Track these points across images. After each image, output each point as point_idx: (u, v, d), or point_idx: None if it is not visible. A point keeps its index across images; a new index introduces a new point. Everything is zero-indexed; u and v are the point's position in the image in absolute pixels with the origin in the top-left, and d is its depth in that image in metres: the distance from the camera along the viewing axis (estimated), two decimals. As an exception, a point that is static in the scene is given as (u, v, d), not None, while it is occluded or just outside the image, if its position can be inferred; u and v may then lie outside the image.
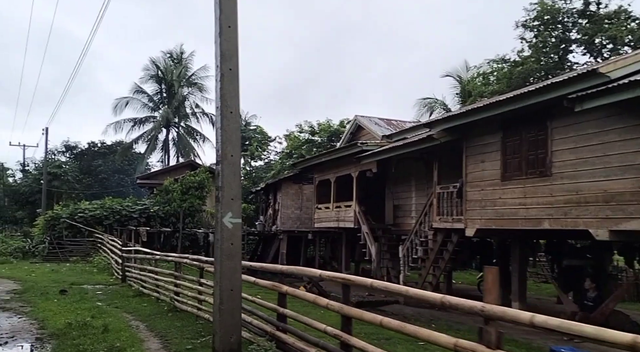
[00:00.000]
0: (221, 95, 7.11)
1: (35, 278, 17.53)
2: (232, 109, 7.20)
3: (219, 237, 7.06)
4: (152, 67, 46.36)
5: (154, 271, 13.01)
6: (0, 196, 52.88)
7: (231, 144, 7.21)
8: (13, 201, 46.87)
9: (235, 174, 7.30)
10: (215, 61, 7.11)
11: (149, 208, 27.72)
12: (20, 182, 49.58)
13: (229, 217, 7.04)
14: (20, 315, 10.30)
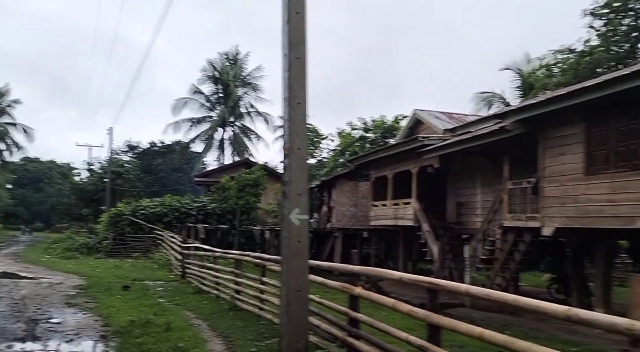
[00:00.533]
0: (289, 85, 6.63)
1: (99, 274, 17.85)
2: (300, 100, 6.70)
3: (286, 234, 6.58)
4: (209, 68, 47.21)
5: (214, 268, 12.77)
6: (68, 194, 55.47)
7: (298, 136, 6.72)
8: (79, 199, 48.91)
9: (303, 168, 6.80)
10: (283, 50, 6.64)
11: (207, 205, 27.94)
12: (86, 180, 51.73)
13: (296, 214, 6.54)
14: (85, 311, 10.26)
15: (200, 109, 47.66)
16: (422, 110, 19.99)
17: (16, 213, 79.28)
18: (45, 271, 18.66)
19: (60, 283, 14.87)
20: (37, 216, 79.85)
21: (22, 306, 10.52)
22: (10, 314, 9.51)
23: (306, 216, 6.70)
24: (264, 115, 48.92)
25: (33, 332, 8.06)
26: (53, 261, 23.20)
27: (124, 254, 24.65)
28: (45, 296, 12.04)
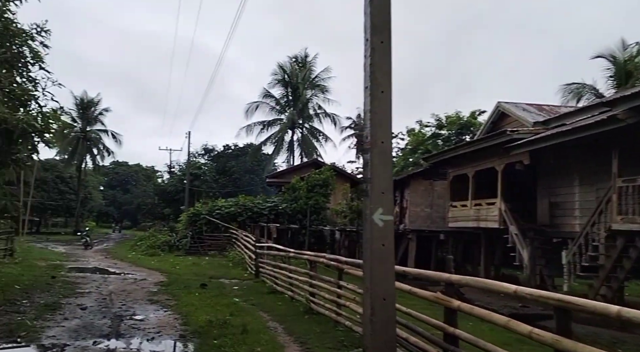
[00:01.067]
0: (371, 72, 6.01)
1: (179, 271, 18.23)
2: (384, 88, 6.07)
3: (369, 236, 5.97)
4: (279, 71, 47.78)
5: (288, 269, 12.43)
6: (151, 195, 58.50)
7: (382, 128, 6.08)
8: (161, 199, 51.35)
9: (386, 164, 6.15)
10: (365, 34, 6.04)
11: (278, 205, 28.01)
12: (167, 182, 54.25)
13: (380, 214, 5.91)
14: (165, 308, 10.27)
15: (270, 112, 48.37)
16: (508, 102, 18.48)
17: (108, 212, 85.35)
18: (130, 267, 19.41)
19: (144, 279, 15.27)
20: (125, 215, 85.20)
21: (109, 302, 10.74)
22: (98, 310, 9.68)
23: (391, 216, 6.07)
24: (332, 116, 48.81)
25: (117, 329, 8.07)
26: (138, 257, 24.22)
27: (202, 252, 25.27)
28: (130, 292, 12.30)
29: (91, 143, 54.00)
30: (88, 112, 53.61)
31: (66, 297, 10.80)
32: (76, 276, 15.04)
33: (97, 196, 75.29)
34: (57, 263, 18.84)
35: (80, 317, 8.78)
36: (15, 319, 8.02)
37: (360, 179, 35.62)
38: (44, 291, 11.38)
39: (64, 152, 52.68)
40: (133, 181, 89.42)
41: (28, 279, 13.09)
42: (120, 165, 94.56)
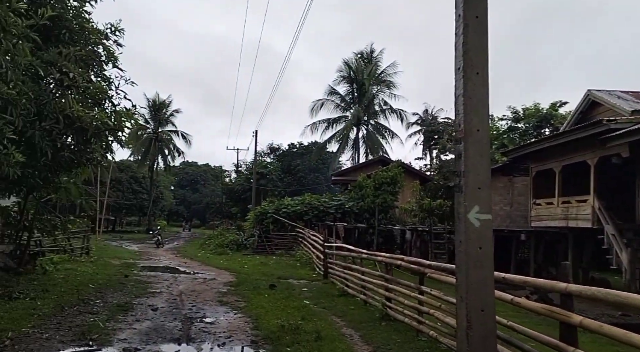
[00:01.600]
0: (464, 51, 5.24)
1: (247, 270, 18.14)
2: (479, 69, 5.28)
3: (463, 238, 5.20)
4: (344, 68, 47.37)
5: (360, 271, 11.79)
6: (220, 194, 60.11)
7: (477, 115, 5.30)
8: (229, 198, 52.60)
9: (483, 155, 5.35)
10: (456, 10, 5.30)
11: (344, 204, 27.47)
12: (234, 181, 55.45)
13: (476, 213, 5.14)
14: (235, 310, 9.98)
15: (335, 110, 48.04)
16: (600, 90, 16.71)
17: (178, 211, 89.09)
18: (200, 266, 19.61)
19: (213, 279, 15.24)
20: (195, 214, 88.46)
21: (179, 303, 10.63)
22: (169, 311, 9.56)
23: (488, 215, 5.28)
24: (398, 112, 47.66)
25: (188, 333, 7.82)
26: (207, 256, 24.57)
27: (269, 251, 25.23)
28: (200, 293, 12.20)
29: (162, 144, 56.21)
30: (160, 113, 55.86)
31: (138, 297, 10.82)
32: (148, 275, 15.27)
33: (168, 196, 78.62)
34: (130, 261, 19.39)
35: (151, 319, 8.64)
36: (88, 320, 7.98)
37: (430, 176, 34.35)
38: (116, 291, 11.50)
39: (137, 153, 55.20)
40: (202, 181, 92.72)
41: (102, 278, 13.39)
42: (189, 166, 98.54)
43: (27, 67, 7.36)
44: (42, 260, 13.69)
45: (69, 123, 8.61)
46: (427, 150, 53.04)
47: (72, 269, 14.02)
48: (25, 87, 7.01)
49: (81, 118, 8.54)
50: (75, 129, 8.72)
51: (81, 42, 9.85)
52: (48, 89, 7.72)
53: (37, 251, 13.66)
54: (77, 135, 8.87)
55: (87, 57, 9.55)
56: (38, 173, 9.22)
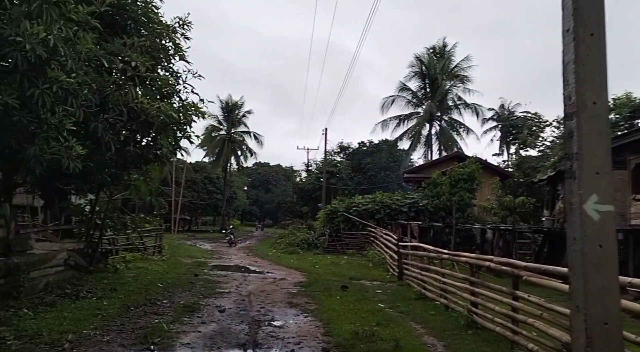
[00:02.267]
0: (574, 8, 4.20)
1: (318, 270, 17.60)
2: (594, 30, 4.19)
3: (578, 235, 4.14)
4: (416, 63, 45.90)
5: (440, 272, 10.78)
6: (290, 194, 60.60)
7: (593, 85, 4.21)
8: (299, 198, 52.76)
9: (602, 133, 4.25)
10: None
11: (418, 202, 26.25)
12: (304, 180, 55.57)
13: (594, 203, 4.06)
14: (305, 313, 9.39)
15: (407, 106, 46.60)
16: None
17: (251, 211, 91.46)
18: (270, 266, 19.37)
19: (283, 279, 14.83)
20: (267, 213, 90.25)
21: (247, 304, 10.24)
22: (236, 313, 9.16)
23: (610, 206, 4.18)
24: (473, 106, 45.31)
25: (255, 337, 7.31)
26: (278, 255, 24.41)
27: (340, 250, 24.60)
28: (269, 293, 11.77)
29: (235, 144, 57.50)
30: (232, 114, 57.22)
31: (206, 298, 10.56)
32: (218, 275, 15.15)
33: (241, 196, 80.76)
34: (202, 260, 19.53)
35: (218, 321, 8.24)
36: (152, 322, 7.71)
37: (510, 173, 32.11)
38: (185, 290, 11.33)
39: (211, 153, 56.91)
40: (274, 181, 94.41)
41: (172, 277, 13.36)
42: (262, 166, 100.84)
43: (90, 57, 7.20)
44: (115, 258, 13.95)
45: (134, 116, 8.43)
46: (505, 146, 50.07)
47: (143, 268, 14.16)
48: (87, 78, 6.82)
49: (146, 111, 8.31)
50: (140, 122, 8.52)
51: (148, 34, 9.69)
52: (111, 79, 7.51)
53: (109, 249, 13.94)
54: (143, 129, 8.65)
55: (153, 49, 9.36)
56: (105, 168, 9.15)
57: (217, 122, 57.29)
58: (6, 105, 5.51)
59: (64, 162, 6.34)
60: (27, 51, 5.42)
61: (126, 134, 7.90)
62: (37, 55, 5.58)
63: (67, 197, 13.50)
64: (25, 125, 5.97)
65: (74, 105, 6.37)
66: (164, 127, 9.27)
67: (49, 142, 6.19)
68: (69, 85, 6.20)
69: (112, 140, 7.60)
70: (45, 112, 6.00)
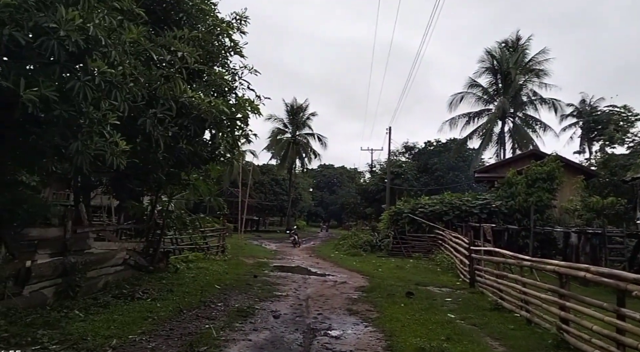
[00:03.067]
0: None
1: (381, 274, 16.67)
2: None
3: None
4: (487, 58, 43.52)
5: (521, 281, 9.54)
6: (354, 195, 59.84)
7: None
8: (363, 199, 51.85)
9: None
10: None
11: (490, 203, 24.48)
12: (368, 181, 54.59)
13: None
14: (366, 323, 8.57)
15: (477, 103, 44.25)
16: None
17: (317, 213, 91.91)
18: (332, 268, 18.68)
19: (344, 282, 14.07)
20: (332, 215, 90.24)
21: (304, 309, 9.58)
22: (292, 319, 8.52)
23: None
24: (550, 102, 42.11)
25: (308, 349, 6.61)
26: (340, 257, 23.69)
27: (405, 253, 23.42)
28: (328, 298, 11.06)
29: (300, 147, 57.66)
30: (297, 117, 57.44)
31: (262, 301, 10.01)
32: (278, 276, 14.66)
33: (307, 197, 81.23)
34: (264, 261, 19.20)
35: (271, 329, 7.62)
36: (202, 327, 7.22)
37: (595, 171, 29.31)
38: (241, 293, 10.86)
39: (277, 156, 57.44)
40: (338, 183, 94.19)
41: (231, 278, 13.00)
42: (326, 168, 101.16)
43: (139, 50, 6.85)
44: (178, 258, 13.84)
45: (185, 112, 8.03)
46: (586, 144, 46.18)
47: (204, 268, 13.95)
48: (133, 70, 6.44)
49: (198, 106, 7.87)
50: (192, 118, 8.10)
51: (201, 28, 9.32)
52: (158, 72, 7.12)
53: (172, 248, 13.86)
54: (195, 126, 8.23)
55: (206, 42, 8.94)
56: (160, 167, 8.86)
57: (283, 125, 57.78)
58: (45, 98, 5.19)
59: (108, 158, 5.98)
60: (63, 39, 5.06)
61: (175, 130, 7.48)
62: (76, 44, 5.21)
63: (140, 199, 13.60)
64: (67, 120, 5.64)
65: (118, 99, 5.99)
66: (217, 124, 8.80)
67: (92, 137, 5.84)
68: (113, 77, 5.82)
69: (161, 137, 7.20)
70: (87, 105, 5.65)
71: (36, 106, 5.11)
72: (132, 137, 7.22)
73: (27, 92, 4.95)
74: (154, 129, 7.10)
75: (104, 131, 5.99)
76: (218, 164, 11.88)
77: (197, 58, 7.41)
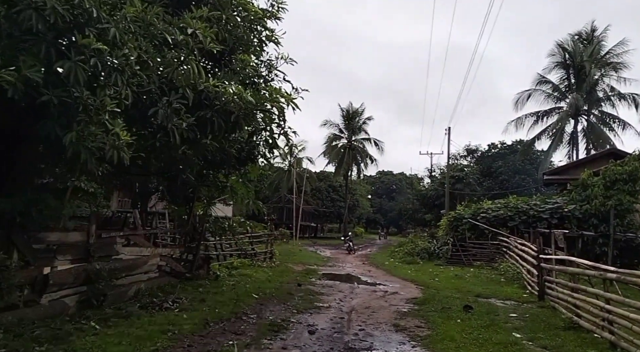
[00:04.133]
0: None
1: (437, 284, 15.22)
2: None
3: None
4: (557, 51, 40.20)
5: (605, 297, 7.94)
6: (413, 201, 57.82)
7: None
8: (422, 205, 49.82)
9: None
10: None
11: (562, 207, 22.14)
12: (427, 187, 52.45)
13: None
14: (414, 342, 7.37)
15: (546, 101, 40.87)
16: None
17: (376, 219, 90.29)
18: (384, 276, 17.41)
19: (395, 293, 12.82)
20: (391, 221, 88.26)
21: (345, 323, 8.52)
22: (329, 336, 7.49)
23: None
24: (631, 97, 38.12)
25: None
26: (395, 265, 22.31)
27: (465, 261, 21.59)
28: (374, 311, 9.91)
29: (356, 152, 56.56)
30: (353, 122, 56.43)
31: (300, 313, 9.05)
32: (323, 284, 13.66)
33: (365, 204, 79.91)
34: (313, 268, 18.25)
35: (302, 347, 6.64)
36: (225, 344, 6.35)
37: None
38: (280, 303, 9.94)
39: (333, 161, 56.67)
40: (397, 189, 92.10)
41: (273, 286, 12.14)
42: (385, 175, 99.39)
43: (151, 31, 6.13)
44: (222, 265, 13.19)
45: (209, 104, 7.26)
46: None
47: (247, 275, 13.23)
48: (140, 52, 5.73)
49: (219, 96, 7.08)
50: (215, 110, 7.31)
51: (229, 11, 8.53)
52: (170, 55, 6.37)
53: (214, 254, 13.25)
54: (219, 119, 7.43)
55: (233, 26, 8.13)
56: (184, 166, 8.16)
57: (338, 130, 56.93)
58: (28, 81, 4.55)
59: (107, 152, 5.29)
60: (42, 9, 4.40)
61: (191, 121, 6.69)
62: (61, 16, 4.54)
63: (190, 204, 13.17)
64: (60, 107, 5.00)
65: (119, 83, 5.29)
66: (247, 117, 7.95)
67: (89, 127, 5.17)
68: (112, 57, 5.13)
69: (177, 129, 6.44)
70: (80, 90, 4.98)
71: (18, 90, 4.47)
72: (146, 131, 6.54)
73: (3, 73, 4.31)
74: (168, 120, 6.35)
75: (105, 121, 5.29)
76: (257, 165, 11.12)
77: (213, 37, 6.56)
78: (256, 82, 9.04)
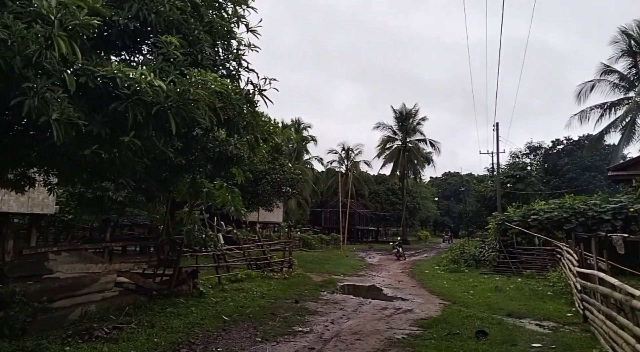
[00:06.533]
0: None
1: (468, 299, 12.87)
2: None
3: None
4: (621, 38, 35.34)
5: (633, 332, 5.60)
6: (474, 203, 53.79)
7: None
8: (483, 206, 45.98)
9: None
10: None
11: (627, 206, 18.59)
12: (487, 187, 48.42)
13: None
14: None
15: (612, 91, 35.95)
16: None
17: (443, 222, 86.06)
18: (411, 289, 15.23)
19: (407, 311, 10.77)
20: (459, 224, 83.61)
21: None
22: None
23: None
24: None
25: None
26: (434, 274, 19.84)
27: (513, 270, 18.67)
28: (360, 338, 8.00)
29: (411, 153, 53.79)
30: (406, 123, 53.75)
31: (263, 342, 7.35)
32: (329, 300, 11.90)
33: (431, 207, 76.23)
34: (337, 277, 16.45)
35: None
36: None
37: None
38: (250, 327, 8.25)
39: (388, 164, 54.35)
40: (466, 191, 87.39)
41: (263, 304, 10.39)
42: (451, 176, 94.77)
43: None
44: (222, 277, 11.87)
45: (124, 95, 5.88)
46: None
47: (244, 290, 11.78)
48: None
49: (123, 81, 5.70)
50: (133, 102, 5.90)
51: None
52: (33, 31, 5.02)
53: (215, 265, 11.93)
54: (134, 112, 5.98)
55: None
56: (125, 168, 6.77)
57: (392, 132, 54.46)
58: None
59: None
60: None
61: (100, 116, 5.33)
62: None
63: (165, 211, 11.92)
64: None
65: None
66: (179, 110, 6.40)
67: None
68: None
69: (57, 123, 5.05)
70: None
71: None
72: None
73: None
74: (40, 112, 5.00)
75: None
76: (240, 167, 9.67)
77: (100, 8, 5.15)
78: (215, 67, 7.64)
